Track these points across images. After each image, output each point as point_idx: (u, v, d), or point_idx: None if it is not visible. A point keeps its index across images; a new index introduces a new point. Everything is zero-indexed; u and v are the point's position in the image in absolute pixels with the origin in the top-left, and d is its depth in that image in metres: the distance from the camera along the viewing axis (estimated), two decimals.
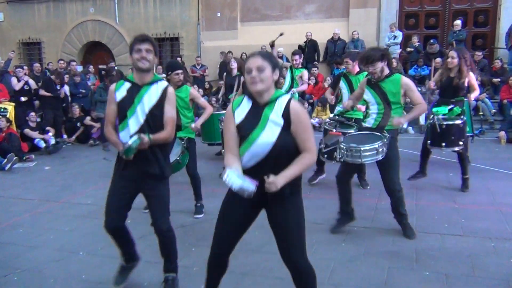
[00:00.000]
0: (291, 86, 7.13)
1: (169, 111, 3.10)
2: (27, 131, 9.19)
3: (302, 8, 13.97)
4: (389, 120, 4.18)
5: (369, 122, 4.35)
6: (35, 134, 9.19)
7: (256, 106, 2.46)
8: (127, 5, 15.37)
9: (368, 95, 4.34)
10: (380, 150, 4.00)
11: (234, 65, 8.51)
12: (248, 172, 2.40)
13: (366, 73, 5.81)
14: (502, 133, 8.85)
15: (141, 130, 3.02)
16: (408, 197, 5.40)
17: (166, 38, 15.31)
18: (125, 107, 3.07)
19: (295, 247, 2.50)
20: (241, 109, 2.50)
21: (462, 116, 5.36)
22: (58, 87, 10.20)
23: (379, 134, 4.14)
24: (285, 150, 2.39)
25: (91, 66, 13.26)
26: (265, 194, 2.35)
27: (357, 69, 5.66)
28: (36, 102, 10.44)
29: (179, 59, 13.88)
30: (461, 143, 5.30)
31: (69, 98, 10.78)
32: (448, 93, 5.57)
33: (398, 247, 4.05)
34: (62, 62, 11.73)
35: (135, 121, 3.04)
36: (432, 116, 5.30)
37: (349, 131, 4.78)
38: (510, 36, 11.15)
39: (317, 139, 5.70)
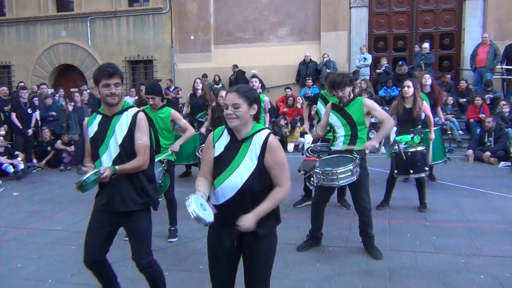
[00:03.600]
0: None
1: (139, 138, 2.97)
2: None
3: (275, 32, 14.22)
4: (356, 142, 4.25)
5: (338, 146, 4.38)
6: (3, 159, 8.93)
7: (234, 141, 2.47)
8: (100, 28, 15.31)
9: (333, 119, 4.39)
10: (354, 171, 4.07)
11: (199, 86, 8.55)
12: (221, 207, 2.41)
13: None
14: (470, 152, 9.11)
15: (113, 164, 2.93)
16: (381, 216, 5.49)
17: (140, 61, 15.28)
18: (97, 144, 3.00)
19: (258, 279, 2.52)
20: (221, 142, 2.51)
21: (421, 143, 5.53)
22: (28, 110, 10.01)
23: (350, 156, 4.20)
24: (257, 188, 2.40)
25: (61, 89, 13.03)
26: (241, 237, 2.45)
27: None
28: (4, 127, 10.16)
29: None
30: (426, 169, 5.46)
31: (39, 122, 10.56)
32: (407, 123, 5.66)
33: (371, 266, 4.08)
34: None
35: (107, 156, 2.97)
36: (396, 145, 5.39)
37: (323, 156, 4.81)
38: (474, 58, 11.62)
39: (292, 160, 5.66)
